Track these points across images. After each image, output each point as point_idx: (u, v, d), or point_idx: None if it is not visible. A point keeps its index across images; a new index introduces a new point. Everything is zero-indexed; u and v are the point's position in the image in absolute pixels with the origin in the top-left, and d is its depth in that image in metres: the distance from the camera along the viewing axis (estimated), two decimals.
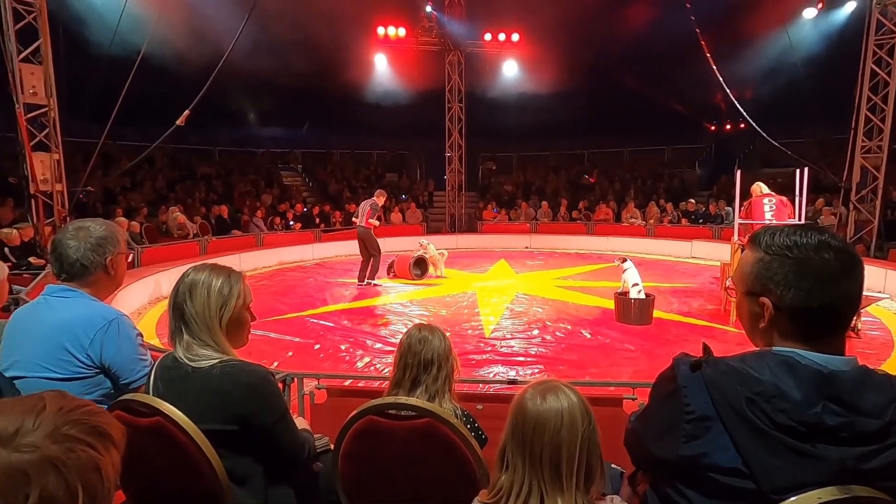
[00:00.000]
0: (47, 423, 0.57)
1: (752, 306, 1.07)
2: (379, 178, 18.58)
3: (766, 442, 0.94)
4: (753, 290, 1.06)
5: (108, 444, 0.62)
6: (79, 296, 1.71)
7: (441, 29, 14.43)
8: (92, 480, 0.58)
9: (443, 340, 1.73)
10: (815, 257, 0.99)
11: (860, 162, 9.99)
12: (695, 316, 6.76)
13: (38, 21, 7.72)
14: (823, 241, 1.00)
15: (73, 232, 1.72)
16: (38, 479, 0.53)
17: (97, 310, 1.70)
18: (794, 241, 1.01)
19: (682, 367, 1.06)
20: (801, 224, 1.08)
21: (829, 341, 1.01)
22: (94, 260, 1.71)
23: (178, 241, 10.44)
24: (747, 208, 6.49)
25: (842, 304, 1.00)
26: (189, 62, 11.09)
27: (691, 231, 12.94)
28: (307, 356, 5.27)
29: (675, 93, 17.59)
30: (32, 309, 1.75)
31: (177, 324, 1.47)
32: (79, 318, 1.65)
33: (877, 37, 9.62)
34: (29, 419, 0.57)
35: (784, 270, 1.01)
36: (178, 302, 1.47)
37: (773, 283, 1.02)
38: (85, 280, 1.72)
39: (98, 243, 1.71)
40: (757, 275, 1.05)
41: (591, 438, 1.15)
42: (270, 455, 1.44)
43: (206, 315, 1.45)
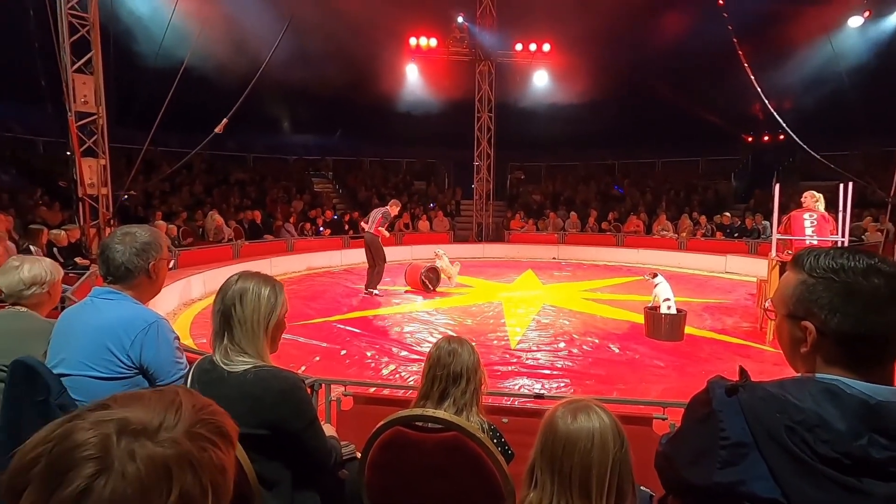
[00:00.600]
0: (185, 420, 0.57)
1: (794, 330, 1.03)
2: (408, 185, 18.76)
3: (808, 473, 0.90)
4: (796, 314, 1.02)
5: (230, 445, 0.62)
6: (122, 298, 1.78)
7: (472, 39, 14.55)
8: (219, 482, 0.58)
9: (472, 354, 1.73)
10: (864, 282, 0.95)
11: None
12: (729, 333, 6.54)
13: (90, 34, 8.16)
14: (873, 265, 0.96)
15: (121, 237, 1.80)
16: (179, 476, 0.54)
17: (139, 313, 1.77)
18: (840, 263, 0.97)
19: (717, 391, 1.03)
20: (846, 247, 1.04)
21: (876, 370, 0.97)
22: (138, 264, 1.78)
23: (213, 244, 10.78)
24: (786, 223, 6.25)
25: (891, 332, 0.95)
26: (228, 72, 11.51)
27: (726, 245, 12.56)
28: (334, 361, 5.34)
29: (711, 103, 17.18)
30: (79, 309, 1.84)
31: (221, 328, 1.52)
32: (121, 320, 1.72)
33: None
34: (170, 414, 0.57)
35: (829, 294, 0.97)
36: (226, 307, 1.51)
37: (818, 307, 0.98)
38: (129, 283, 1.80)
39: (142, 248, 1.79)
40: (800, 297, 1.01)
41: (622, 461, 1.13)
42: (299, 461, 1.47)
43: (254, 321, 1.50)
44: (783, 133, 11.95)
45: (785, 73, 13.35)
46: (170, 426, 0.56)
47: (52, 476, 0.51)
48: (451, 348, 1.71)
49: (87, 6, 8.07)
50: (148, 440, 0.54)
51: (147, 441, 0.54)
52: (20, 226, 7.72)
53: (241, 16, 11.45)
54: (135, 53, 10.74)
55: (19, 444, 0.54)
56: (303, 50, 13.16)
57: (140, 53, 10.67)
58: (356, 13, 12.76)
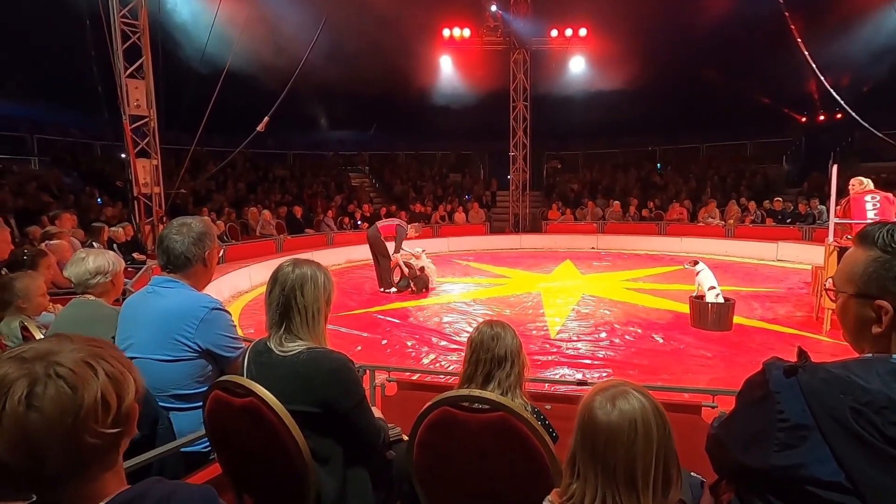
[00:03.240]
0: (78, 342, 0.79)
1: (863, 310, 0.99)
2: (443, 178, 18.80)
3: (876, 456, 0.87)
4: (868, 292, 0.98)
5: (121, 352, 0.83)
6: (181, 286, 1.89)
7: (506, 28, 14.36)
8: (129, 366, 0.81)
9: (514, 337, 1.74)
10: None
11: None
12: (781, 323, 6.25)
13: (141, 40, 8.57)
14: None
15: (178, 228, 1.91)
16: (98, 363, 0.76)
17: (198, 299, 1.88)
18: None
19: (774, 372, 1.00)
20: None
21: None
22: (196, 253, 1.89)
23: (258, 238, 11.17)
24: (845, 206, 5.90)
25: None
26: (268, 73, 11.85)
27: (777, 232, 11.96)
28: (375, 350, 5.46)
29: (759, 83, 16.30)
30: (142, 297, 1.96)
31: (281, 318, 1.56)
32: (183, 306, 1.83)
33: None
34: (64, 342, 0.78)
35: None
36: (286, 295, 1.56)
37: (893, 284, 0.94)
38: (186, 272, 1.91)
39: (199, 238, 1.90)
40: (873, 275, 0.97)
41: (667, 445, 1.07)
42: (349, 439, 1.53)
43: (315, 307, 1.57)
44: (841, 111, 11.24)
45: (842, 46, 12.47)
46: (67, 345, 0.77)
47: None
48: (494, 332, 1.72)
49: (138, 14, 8.47)
50: (59, 355, 0.74)
51: (60, 355, 0.74)
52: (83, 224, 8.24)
53: (278, 17, 11.74)
54: (181, 58, 11.22)
55: None
56: (338, 48, 13.37)
57: (186, 58, 11.14)
58: (388, 8, 12.82)
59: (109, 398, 0.75)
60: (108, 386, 0.75)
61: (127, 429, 0.80)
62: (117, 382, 0.77)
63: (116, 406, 0.76)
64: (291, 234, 11.90)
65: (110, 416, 0.75)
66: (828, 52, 11.86)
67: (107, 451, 0.77)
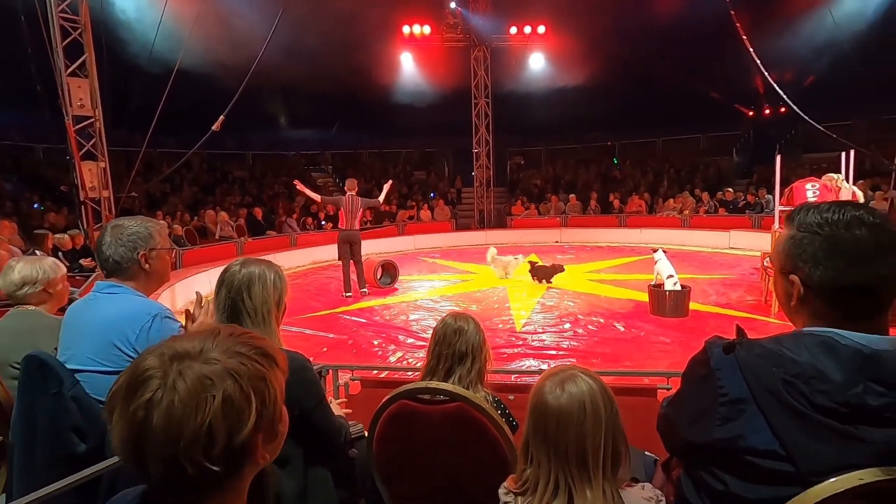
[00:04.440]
0: (222, 344, 0.71)
1: (786, 285, 1.05)
2: (407, 176, 18.74)
3: (806, 424, 0.92)
4: (785, 268, 1.04)
5: (272, 363, 0.74)
6: (124, 291, 1.78)
7: (466, 24, 14.41)
8: (261, 388, 0.70)
9: (477, 332, 1.74)
10: (846, 234, 0.96)
11: None
12: (734, 308, 6.55)
13: (83, 37, 8.13)
14: (857, 216, 0.96)
15: (111, 230, 1.79)
16: (220, 384, 0.66)
17: (142, 305, 1.76)
18: (825, 217, 0.98)
19: (714, 350, 1.05)
20: (837, 202, 1.04)
21: (868, 320, 0.97)
22: (126, 255, 1.76)
23: (217, 242, 10.83)
24: (788, 195, 6.22)
25: (873, 284, 0.95)
26: (223, 70, 11.48)
27: (729, 221, 12.51)
28: (341, 351, 5.39)
29: (711, 79, 16.93)
30: (83, 305, 1.85)
31: (227, 321, 1.50)
32: (124, 314, 1.72)
33: None
34: (209, 341, 0.71)
35: (813, 248, 0.98)
36: (233, 298, 1.49)
37: (802, 261, 1.00)
38: (125, 275, 1.79)
39: (130, 240, 1.77)
40: (787, 252, 1.03)
41: (615, 424, 1.11)
42: (309, 439, 1.50)
43: (265, 309, 1.50)
44: (784, 105, 11.82)
45: (784, 43, 13.14)
46: (209, 349, 0.70)
47: (130, 391, 0.66)
48: (457, 326, 1.71)
49: (78, 9, 8.03)
50: (194, 361, 0.68)
51: (193, 362, 0.68)
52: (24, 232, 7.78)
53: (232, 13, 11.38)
54: (127, 56, 10.72)
55: (35, 436, 0.66)
56: (296, 44, 13.07)
57: (132, 55, 10.65)
58: (347, 3, 12.64)
59: (216, 429, 0.65)
60: (218, 414, 0.65)
61: (245, 462, 0.70)
62: (233, 410, 0.66)
63: (226, 438, 0.65)
64: (252, 237, 11.60)
65: (217, 448, 0.65)
66: (772, 49, 12.46)
67: (216, 484, 0.68)
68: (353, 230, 7.76)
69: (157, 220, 2.06)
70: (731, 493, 0.99)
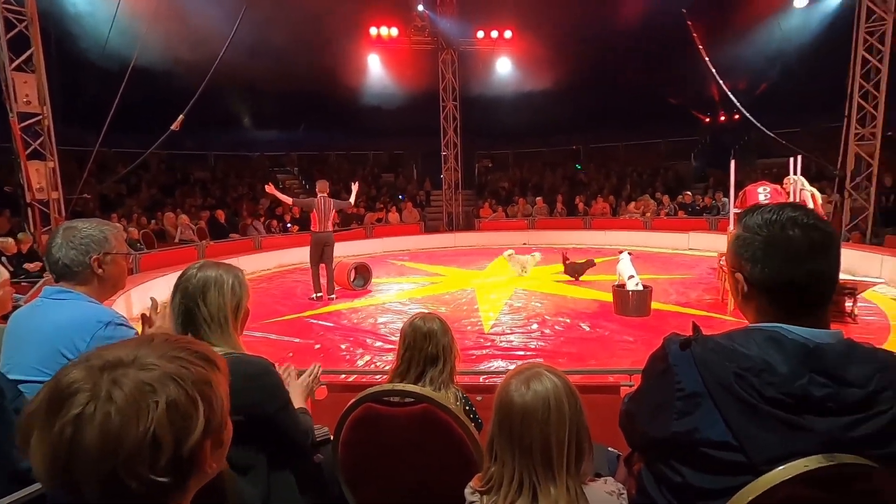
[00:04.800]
0: (158, 349, 0.66)
1: (734, 282, 1.10)
2: (376, 178, 18.61)
3: (756, 415, 0.96)
4: (733, 266, 1.10)
5: (214, 367, 0.70)
6: (74, 297, 1.68)
7: (433, 27, 14.45)
8: (207, 392, 0.66)
9: (446, 332, 1.74)
10: (781, 234, 1.01)
11: (854, 150, 10.03)
12: (693, 306, 6.79)
13: (29, 30, 7.73)
14: (793, 217, 1.02)
15: (63, 233, 1.69)
16: (162, 389, 0.62)
17: (92, 312, 1.66)
18: (765, 219, 1.04)
19: (672, 347, 1.08)
20: (781, 203, 1.09)
21: (810, 316, 1.03)
22: (77, 259, 1.67)
23: (176, 246, 10.46)
24: (742, 198, 6.52)
25: (808, 282, 1.01)
26: (183, 68, 11.12)
27: (688, 223, 12.98)
28: (308, 355, 5.29)
29: (670, 85, 17.61)
30: (29, 311, 1.74)
31: (182, 328, 1.44)
32: (73, 321, 1.62)
33: (867, 24, 9.66)
34: (143, 348, 0.66)
35: (754, 247, 1.04)
36: (188, 305, 1.42)
37: (745, 260, 1.06)
38: (77, 280, 1.69)
39: (82, 243, 1.68)
40: (734, 251, 1.09)
41: (579, 421, 1.12)
42: (274, 444, 1.46)
43: (221, 316, 1.42)
44: (738, 112, 12.38)
45: (737, 53, 13.78)
46: (144, 355, 0.65)
47: (52, 409, 0.60)
48: (427, 329, 1.71)
49: (24, 0, 7.63)
50: (129, 369, 0.63)
51: (128, 369, 0.62)
52: None
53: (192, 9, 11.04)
54: (79, 50, 10.24)
55: None
56: (261, 43, 12.82)
57: (84, 50, 10.18)
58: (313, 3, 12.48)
59: (162, 437, 0.60)
60: (163, 421, 0.60)
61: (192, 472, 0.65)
62: (179, 416, 0.62)
63: (172, 447, 0.61)
64: (214, 240, 11.25)
65: (163, 458, 0.60)
66: (726, 58, 13.04)
67: (161, 498, 0.63)
68: (327, 232, 7.65)
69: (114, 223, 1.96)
70: (688, 484, 1.02)
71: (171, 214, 11.41)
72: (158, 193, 13.52)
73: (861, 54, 9.75)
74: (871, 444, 0.94)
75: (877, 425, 0.94)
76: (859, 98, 9.89)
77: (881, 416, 0.94)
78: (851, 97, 9.96)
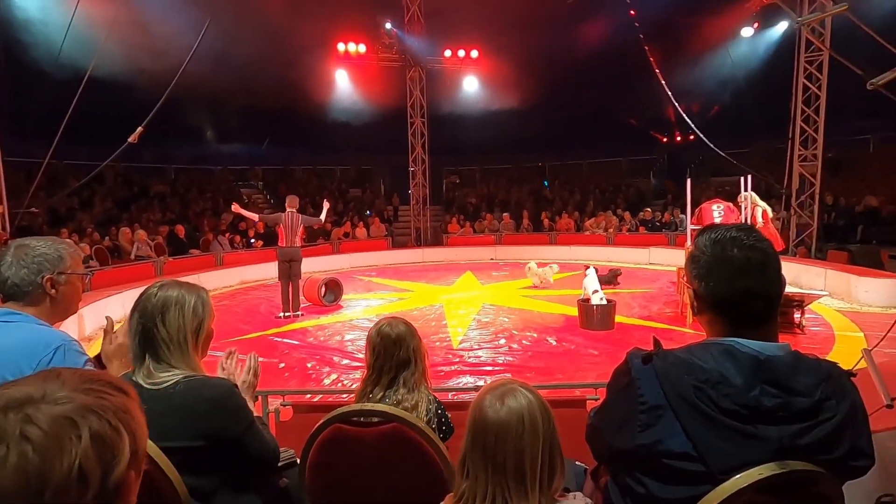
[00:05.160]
0: (70, 383, 0.62)
1: (690, 295, 1.17)
2: (343, 193, 18.47)
3: (713, 426, 1.00)
4: (689, 280, 1.17)
5: (128, 396, 0.67)
6: (23, 319, 1.59)
7: (401, 45, 14.61)
8: (128, 421, 0.63)
9: (413, 336, 1.75)
10: (723, 254, 1.09)
11: (798, 170, 10.68)
12: (654, 319, 7.00)
13: None
14: (734, 238, 1.09)
15: (14, 250, 1.61)
16: (83, 421, 0.58)
17: (41, 335, 1.56)
18: (712, 238, 1.12)
19: (635, 361, 1.12)
20: (731, 224, 1.17)
21: (759, 329, 1.08)
22: (29, 279, 1.58)
23: (131, 262, 10.04)
24: (698, 214, 6.82)
25: (744, 298, 1.07)
26: (143, 79, 10.81)
27: (649, 238, 13.44)
28: (272, 375, 5.14)
29: (630, 106, 18.36)
30: None
31: (141, 350, 1.39)
32: (21, 345, 1.52)
33: (807, 54, 10.39)
34: (51, 383, 0.62)
35: (700, 265, 1.12)
36: (145, 325, 1.37)
37: (694, 276, 1.13)
38: (26, 301, 1.60)
39: (34, 261, 1.59)
40: (687, 268, 1.17)
41: (552, 437, 1.13)
42: (239, 467, 1.41)
43: (181, 338, 1.38)
44: (693, 133, 13.00)
45: (692, 78, 14.54)
46: (54, 390, 0.61)
47: None
48: (395, 335, 1.71)
49: None
50: (41, 404, 0.58)
51: (41, 405, 0.58)
52: None
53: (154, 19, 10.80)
54: (31, 60, 9.81)
55: None
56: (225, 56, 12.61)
57: (36, 59, 9.76)
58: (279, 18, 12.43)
59: (89, 470, 0.57)
60: (89, 454, 0.58)
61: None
62: (105, 447, 0.59)
63: (100, 479, 0.58)
64: (174, 256, 10.86)
65: (90, 493, 0.58)
66: (682, 82, 13.73)
67: None
68: (293, 247, 7.53)
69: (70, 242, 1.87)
70: (651, 495, 1.05)
71: (127, 229, 10.96)
72: (114, 208, 12.98)
73: (802, 82, 10.46)
74: (818, 451, 1.00)
75: (823, 432, 1.00)
76: (801, 122, 10.57)
77: (826, 423, 1.00)
78: (794, 121, 10.63)
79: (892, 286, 7.35)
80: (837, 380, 1.05)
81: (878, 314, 6.85)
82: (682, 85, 13.66)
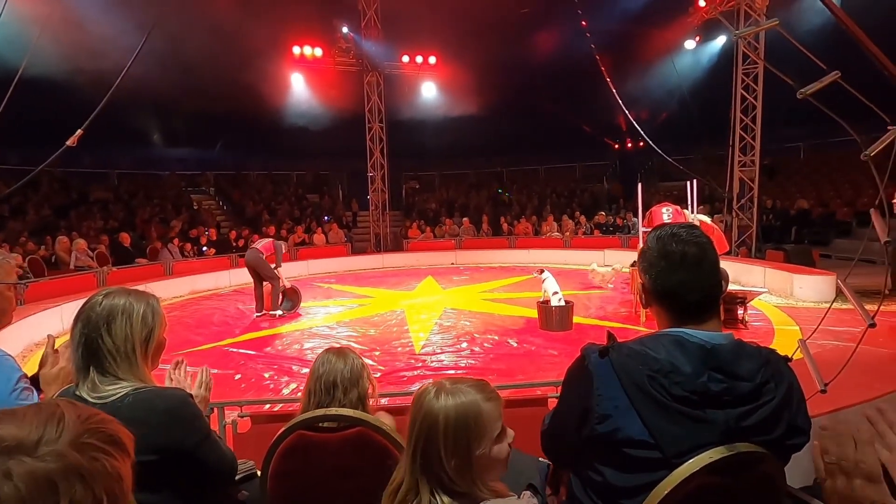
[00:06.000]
0: (69, 431, 0.56)
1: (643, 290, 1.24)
2: (300, 199, 18.10)
3: (667, 413, 1.06)
4: (641, 276, 1.25)
5: (124, 454, 0.61)
6: None
7: (358, 50, 14.50)
8: (114, 490, 0.57)
9: (356, 359, 1.69)
10: (664, 249, 1.17)
11: (738, 175, 11.33)
12: (611, 319, 7.23)
13: None
14: (675, 234, 1.17)
15: None
16: (66, 488, 0.52)
17: None
18: (658, 234, 1.20)
19: (591, 356, 1.16)
20: (677, 223, 1.26)
21: (703, 320, 1.15)
22: None
23: (72, 272, 9.43)
24: (649, 217, 7.11)
25: (680, 290, 1.15)
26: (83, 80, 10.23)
27: (603, 241, 13.89)
28: (227, 387, 4.95)
29: (584, 113, 18.97)
30: None
31: (84, 362, 1.30)
32: None
33: (744, 66, 11.07)
34: (51, 427, 0.55)
35: (646, 259, 1.20)
36: (89, 336, 1.28)
37: (642, 270, 1.22)
38: None
39: None
40: (638, 263, 1.25)
41: (481, 436, 1.11)
42: (196, 480, 1.35)
43: (128, 348, 1.30)
44: (642, 140, 13.57)
45: (641, 86, 15.20)
46: (51, 439, 0.54)
47: None
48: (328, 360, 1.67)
49: None
50: (26, 456, 0.52)
51: (24, 457, 0.51)
52: None
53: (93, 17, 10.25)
54: None
55: None
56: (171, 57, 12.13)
57: None
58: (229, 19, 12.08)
59: None
60: None
61: None
62: None
63: None
64: (118, 266, 10.29)
65: None
66: (632, 89, 14.31)
67: None
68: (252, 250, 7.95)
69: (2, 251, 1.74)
70: (609, 484, 1.09)
71: (65, 238, 10.29)
72: (50, 215, 12.18)
73: (740, 92, 11.13)
74: (760, 431, 1.07)
75: (763, 414, 1.07)
76: (740, 130, 11.24)
77: (766, 405, 1.08)
78: (734, 129, 11.29)
79: (824, 283, 7.92)
80: (776, 364, 1.13)
81: (811, 308, 7.36)
82: (631, 93, 14.24)
